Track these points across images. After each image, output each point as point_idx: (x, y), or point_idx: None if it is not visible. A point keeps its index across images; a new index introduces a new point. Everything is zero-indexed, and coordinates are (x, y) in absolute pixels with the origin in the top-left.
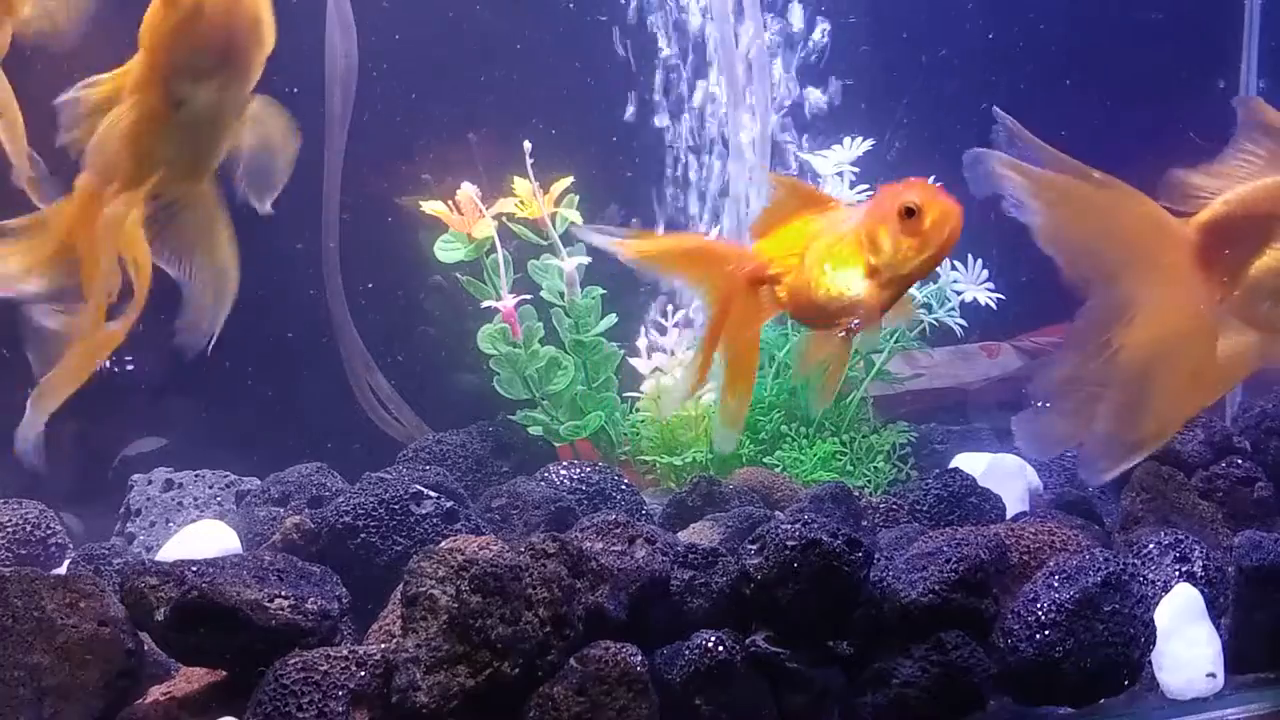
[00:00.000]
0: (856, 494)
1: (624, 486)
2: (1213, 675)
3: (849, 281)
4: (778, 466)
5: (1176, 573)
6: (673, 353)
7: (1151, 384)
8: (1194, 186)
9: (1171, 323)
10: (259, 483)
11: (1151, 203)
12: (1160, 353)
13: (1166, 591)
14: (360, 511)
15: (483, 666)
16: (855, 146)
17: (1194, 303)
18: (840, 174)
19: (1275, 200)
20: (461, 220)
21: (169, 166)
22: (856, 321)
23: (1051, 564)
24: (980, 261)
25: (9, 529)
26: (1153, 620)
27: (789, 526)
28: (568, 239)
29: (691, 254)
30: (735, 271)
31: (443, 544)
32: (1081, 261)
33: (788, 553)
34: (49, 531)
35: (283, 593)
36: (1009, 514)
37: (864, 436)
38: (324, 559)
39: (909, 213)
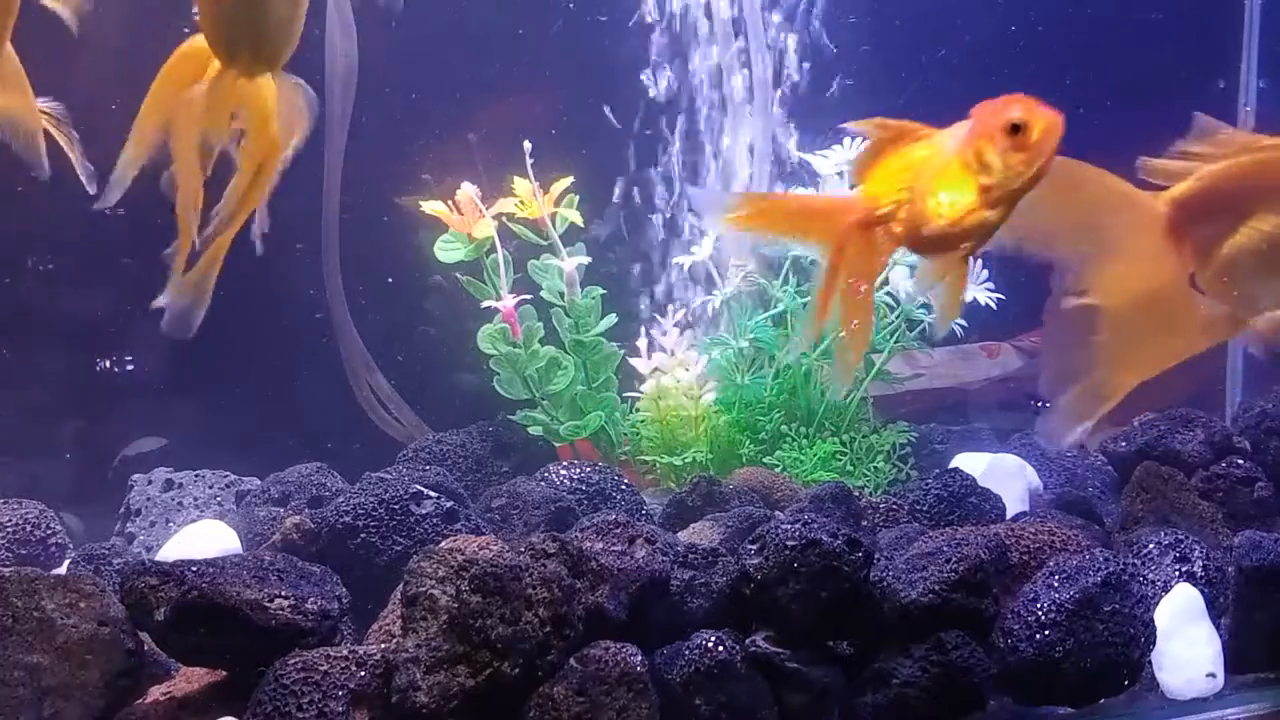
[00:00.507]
0: (856, 494)
1: (624, 486)
2: (1213, 675)
3: (964, 206)
4: (778, 466)
5: (1176, 573)
6: (673, 353)
7: (1119, 353)
8: (1165, 172)
9: (1141, 294)
10: (259, 483)
11: (1118, 179)
12: (1127, 323)
13: (1166, 591)
14: (360, 511)
15: (483, 666)
16: (855, 146)
17: (1163, 275)
18: (840, 174)
19: (1248, 177)
20: (461, 220)
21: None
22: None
23: (1051, 564)
24: (980, 261)
25: (9, 529)
26: (1153, 620)
27: (789, 526)
28: (568, 239)
29: (799, 212)
30: (846, 220)
31: (443, 544)
32: (1046, 238)
33: (788, 553)
34: (49, 531)
35: (283, 593)
36: (1009, 514)
37: (864, 436)
38: (324, 559)
39: (1015, 129)
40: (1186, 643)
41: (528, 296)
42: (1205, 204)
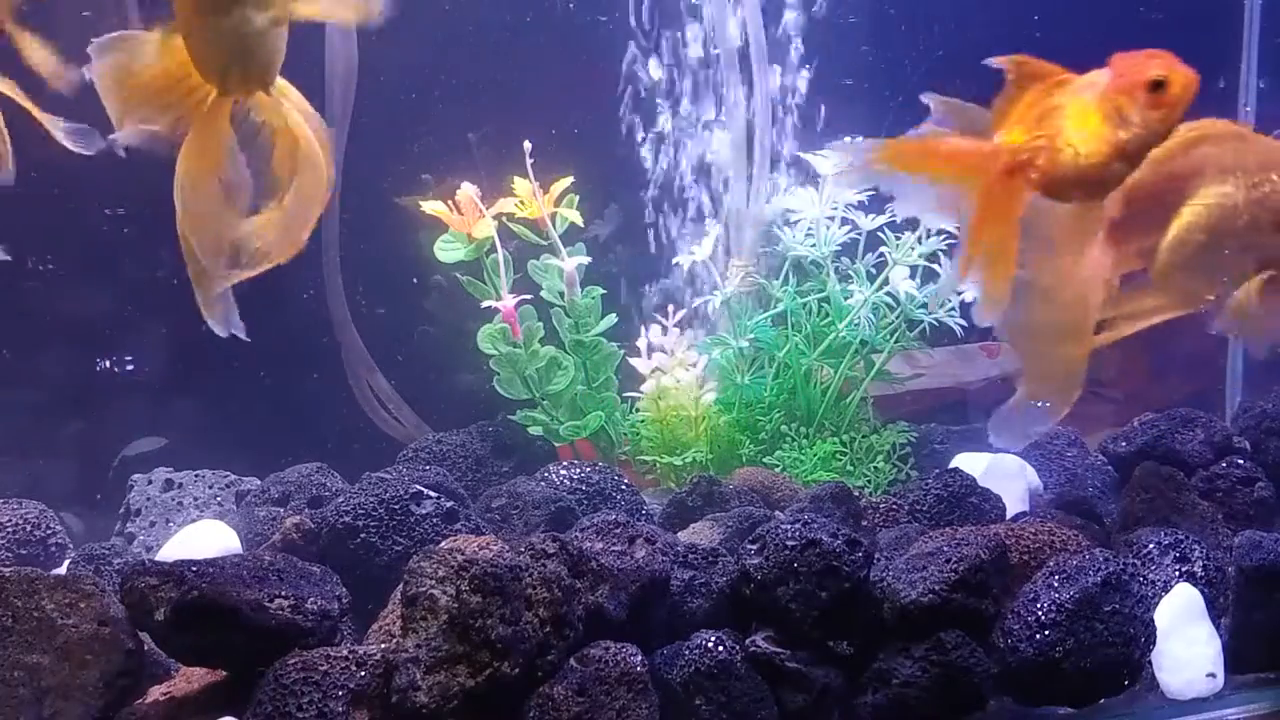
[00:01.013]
0: (856, 494)
1: (624, 486)
2: (1213, 675)
3: (1099, 156)
4: (778, 466)
5: (1176, 573)
6: (673, 353)
7: (1056, 349)
8: None
9: (1074, 291)
10: (259, 483)
11: None
12: (1063, 320)
13: (1166, 591)
14: (360, 511)
15: (483, 666)
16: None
17: (1099, 273)
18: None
19: (1178, 162)
20: (461, 220)
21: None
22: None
23: (1051, 564)
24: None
25: (9, 529)
26: (1153, 620)
27: (789, 526)
28: (568, 239)
29: (947, 156)
30: (997, 164)
31: (443, 544)
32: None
33: (788, 553)
34: (49, 531)
35: (283, 593)
36: (1009, 514)
37: (864, 436)
38: (324, 559)
39: (1155, 85)
40: (1186, 643)
41: (528, 296)
42: (1141, 197)
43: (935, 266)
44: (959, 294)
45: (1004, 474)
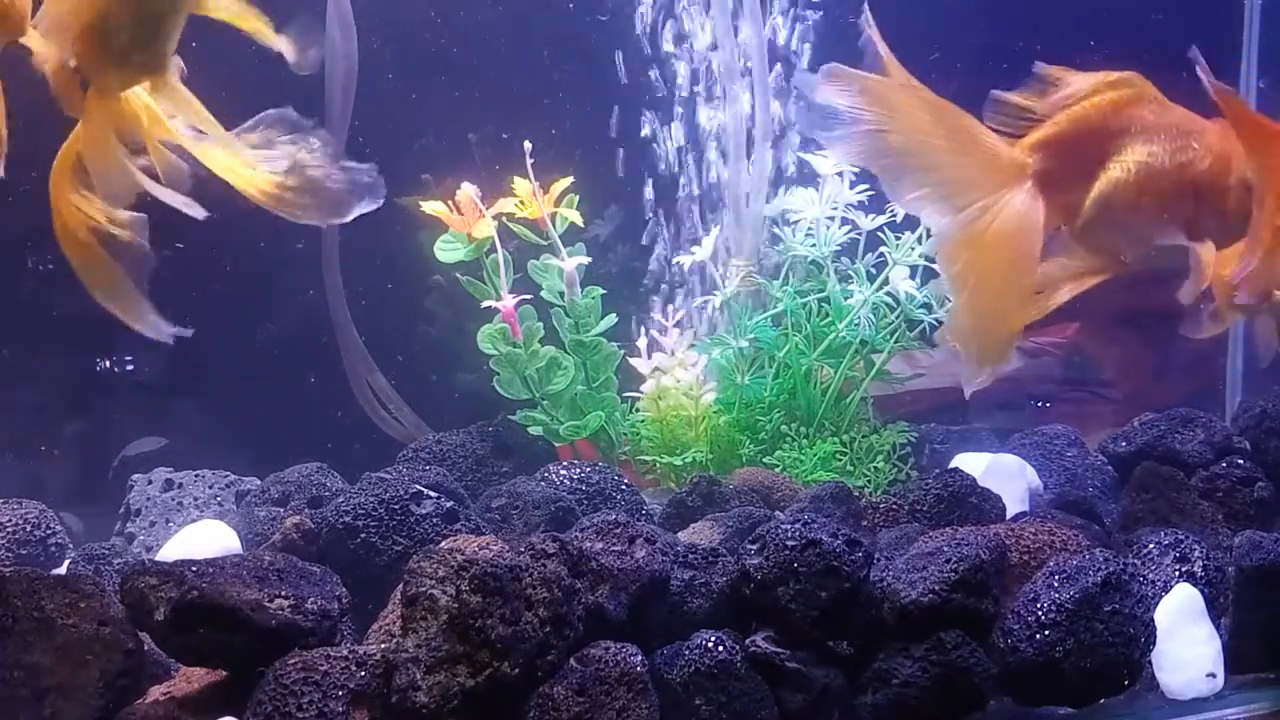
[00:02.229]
0: (856, 494)
1: (624, 486)
2: (1213, 675)
3: None
4: (778, 466)
5: (1176, 573)
6: (673, 353)
7: (984, 302)
8: (1018, 107)
9: (1003, 245)
10: (259, 483)
11: (983, 127)
12: (990, 273)
13: (1166, 591)
14: (360, 511)
15: (483, 666)
16: None
17: (1027, 225)
18: (840, 174)
19: (1107, 120)
20: (461, 220)
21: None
22: None
23: (1051, 564)
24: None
25: (9, 529)
26: (1153, 620)
27: (789, 526)
28: (568, 239)
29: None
30: None
31: (443, 544)
32: (910, 181)
33: (788, 552)
34: (49, 531)
35: (283, 593)
36: (1009, 514)
37: (864, 436)
38: (324, 559)
39: None
40: (1186, 643)
41: (528, 296)
42: (1068, 148)
43: (935, 266)
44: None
45: (1004, 474)
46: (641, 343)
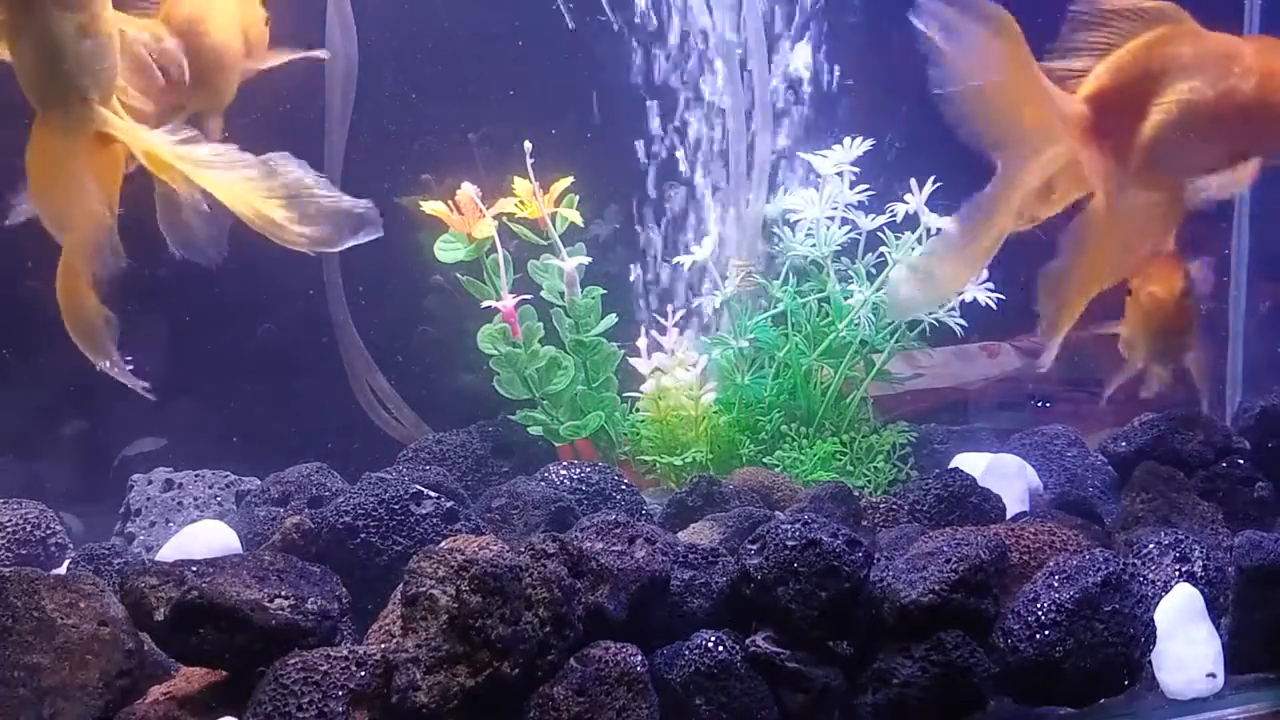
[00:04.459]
0: (856, 494)
1: (624, 486)
2: (1213, 675)
3: None
4: (778, 466)
5: (1176, 573)
6: (673, 352)
7: (1070, 261)
8: (1063, 70)
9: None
10: (259, 483)
11: (1045, 83)
12: (1072, 230)
13: (1166, 591)
14: (360, 511)
15: (483, 666)
16: (855, 146)
17: (1095, 176)
18: (840, 174)
19: (1148, 58)
20: (461, 220)
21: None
22: None
23: (1051, 564)
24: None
25: (9, 529)
26: (1153, 620)
27: (789, 526)
28: (568, 239)
29: None
30: None
31: (443, 544)
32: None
33: (788, 552)
34: (49, 531)
35: (283, 593)
36: (1009, 514)
37: (864, 436)
38: (324, 559)
39: None
40: (1186, 643)
41: (528, 296)
42: (1119, 95)
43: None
44: (959, 294)
45: (1004, 474)
46: (641, 342)
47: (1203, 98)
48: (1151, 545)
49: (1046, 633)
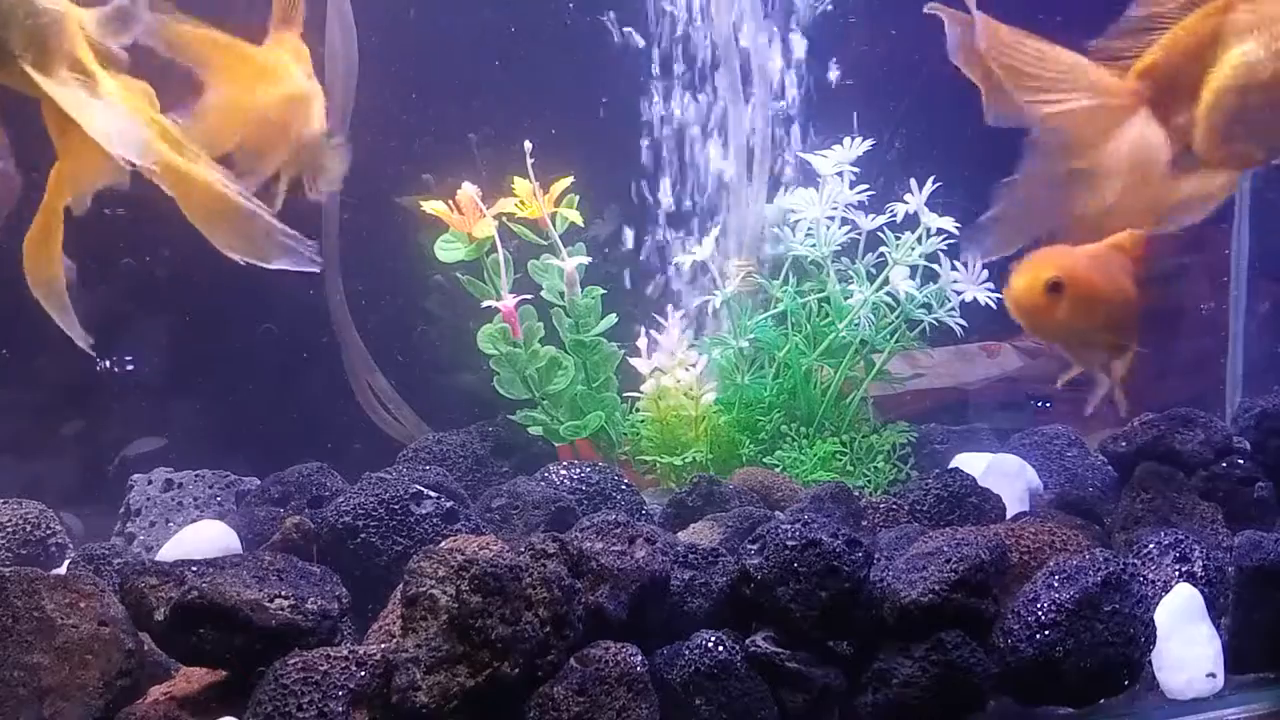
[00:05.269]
0: (856, 494)
1: (624, 486)
2: (1213, 675)
3: None
4: (778, 466)
5: (1176, 573)
6: (673, 353)
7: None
8: (1118, 49)
9: (1134, 175)
10: (259, 483)
11: (1092, 65)
12: (1128, 207)
13: (1166, 591)
14: (360, 511)
15: (483, 666)
16: (855, 146)
17: (1151, 152)
18: (840, 174)
19: (1203, 33)
20: (461, 220)
21: None
22: None
23: (1051, 564)
24: (980, 261)
25: (9, 529)
26: (1153, 620)
27: (789, 526)
28: (568, 239)
29: None
30: None
31: (443, 544)
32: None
33: (788, 552)
34: (49, 531)
35: (283, 593)
36: (1009, 514)
37: (864, 436)
38: (324, 559)
39: None
40: (1186, 643)
41: (528, 296)
42: (1174, 70)
43: (935, 267)
44: (958, 294)
45: (1004, 474)
46: (642, 343)
47: (1256, 60)
48: (1151, 545)
49: (1046, 633)
